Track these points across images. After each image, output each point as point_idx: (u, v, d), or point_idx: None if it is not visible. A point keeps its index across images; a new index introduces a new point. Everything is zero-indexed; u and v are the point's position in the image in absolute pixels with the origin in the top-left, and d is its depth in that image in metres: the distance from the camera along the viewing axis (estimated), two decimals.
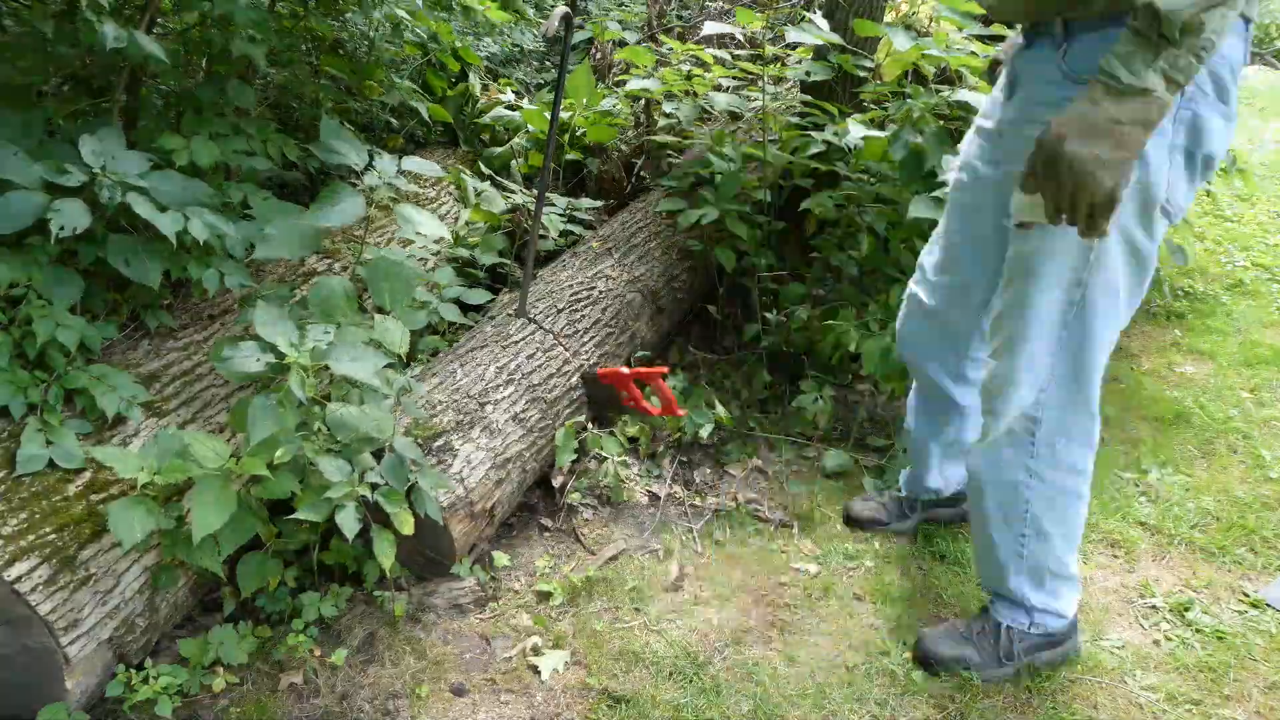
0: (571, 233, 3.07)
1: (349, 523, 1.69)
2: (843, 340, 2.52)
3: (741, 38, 2.76)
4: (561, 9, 2.18)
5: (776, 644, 1.90)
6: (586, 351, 2.47)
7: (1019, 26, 1.61)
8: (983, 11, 2.66)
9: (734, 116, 3.00)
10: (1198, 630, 1.95)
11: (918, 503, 2.24)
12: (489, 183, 3.16)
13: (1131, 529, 2.27)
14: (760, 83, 2.89)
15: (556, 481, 2.32)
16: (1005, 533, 1.74)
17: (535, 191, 2.63)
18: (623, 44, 3.95)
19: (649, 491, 2.36)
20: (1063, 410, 1.62)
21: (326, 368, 1.79)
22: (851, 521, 2.27)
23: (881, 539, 2.24)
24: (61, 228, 1.67)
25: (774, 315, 2.82)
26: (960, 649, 1.83)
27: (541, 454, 2.26)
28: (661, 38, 3.19)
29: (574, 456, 2.27)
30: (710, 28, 2.57)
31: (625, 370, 2.31)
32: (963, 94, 2.46)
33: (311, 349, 1.78)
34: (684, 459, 2.49)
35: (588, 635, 1.89)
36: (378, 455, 1.84)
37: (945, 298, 1.89)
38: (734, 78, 2.94)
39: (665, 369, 2.29)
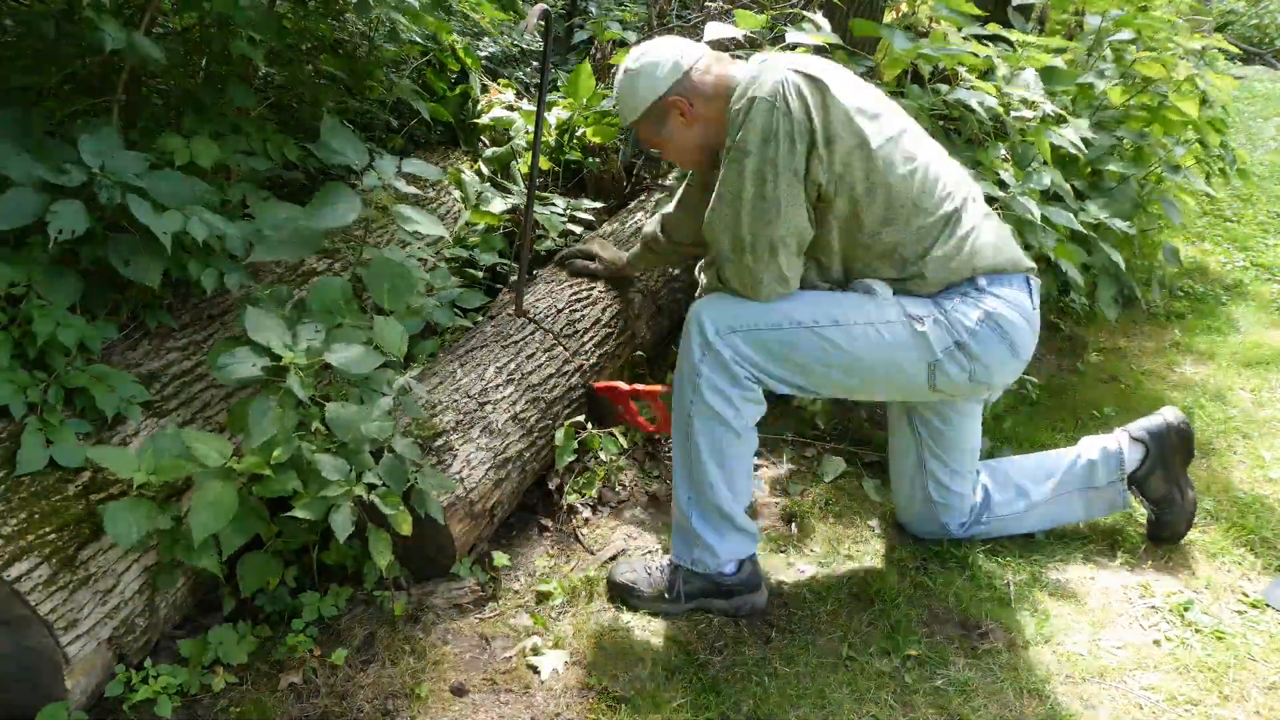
0: (572, 233, 3.07)
1: (342, 524, 1.69)
2: None
3: (742, 39, 2.75)
4: (540, 6, 2.14)
5: (776, 644, 1.90)
6: (586, 351, 2.47)
7: None
8: (980, 12, 2.66)
9: None
10: (1198, 630, 1.95)
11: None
12: (489, 183, 3.16)
13: (1131, 529, 2.27)
14: None
15: (556, 482, 2.32)
16: (682, 462, 1.90)
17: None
18: (623, 44, 3.93)
19: (648, 492, 2.36)
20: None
21: (325, 366, 1.79)
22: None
23: (881, 540, 2.24)
24: (60, 231, 1.67)
25: None
26: (633, 577, 1.98)
27: (541, 454, 2.26)
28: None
29: (574, 457, 2.27)
30: (712, 31, 2.55)
31: (624, 387, 2.32)
32: (960, 93, 2.46)
33: (307, 348, 1.78)
34: None
35: (588, 635, 1.89)
36: (377, 455, 1.84)
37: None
38: None
39: (664, 388, 2.19)
